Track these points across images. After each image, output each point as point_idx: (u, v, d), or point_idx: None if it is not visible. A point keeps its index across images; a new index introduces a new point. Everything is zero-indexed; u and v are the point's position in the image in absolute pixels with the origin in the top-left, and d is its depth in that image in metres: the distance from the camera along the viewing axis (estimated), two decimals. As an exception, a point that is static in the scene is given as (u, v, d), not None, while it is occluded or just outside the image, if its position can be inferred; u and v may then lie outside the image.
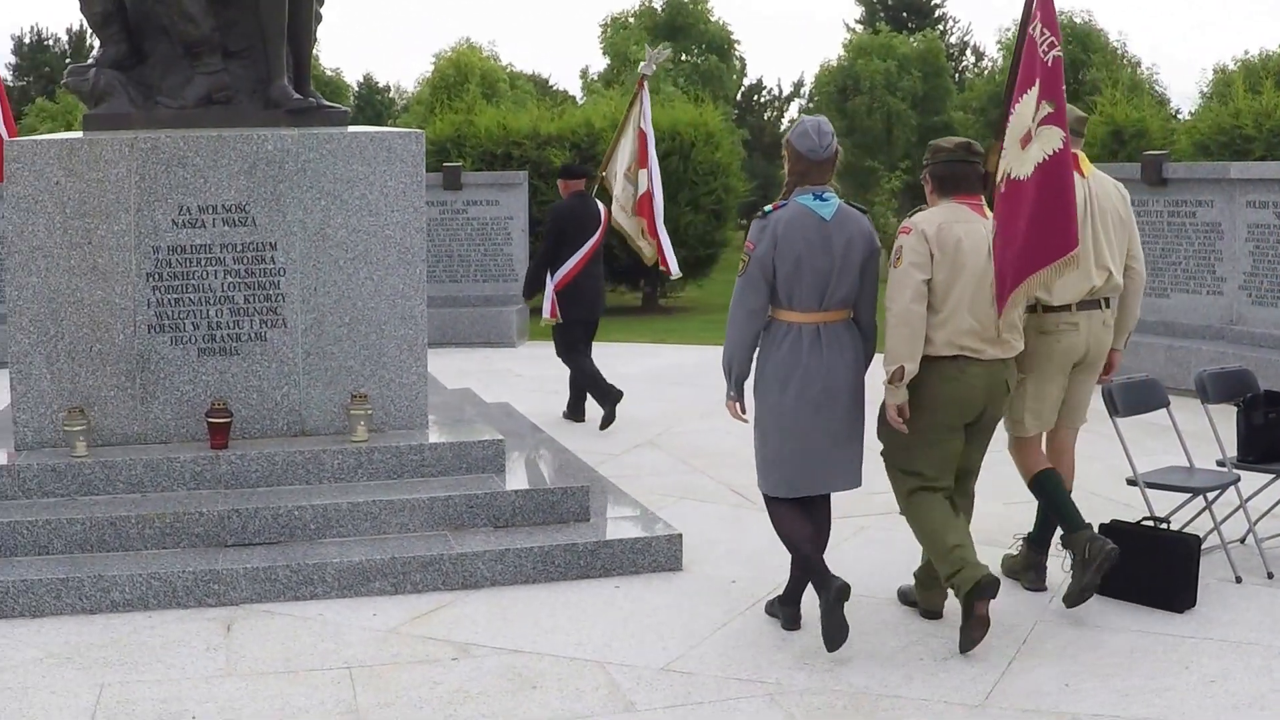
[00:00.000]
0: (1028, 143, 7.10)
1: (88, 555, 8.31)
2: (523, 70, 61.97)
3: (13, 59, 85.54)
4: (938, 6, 70.66)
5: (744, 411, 7.46)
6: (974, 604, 6.92)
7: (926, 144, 7.82)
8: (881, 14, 68.99)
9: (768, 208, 7.29)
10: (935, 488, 7.35)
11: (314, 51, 10.68)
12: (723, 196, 27.11)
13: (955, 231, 7.14)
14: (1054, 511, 7.85)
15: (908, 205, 56.37)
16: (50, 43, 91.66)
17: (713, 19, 60.08)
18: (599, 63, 63.97)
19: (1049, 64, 7.04)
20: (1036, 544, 8.19)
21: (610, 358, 13.93)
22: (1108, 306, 7.85)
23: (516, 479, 9.38)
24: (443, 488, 8.97)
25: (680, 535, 8.75)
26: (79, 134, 9.67)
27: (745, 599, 8.01)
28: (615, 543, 8.60)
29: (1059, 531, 7.91)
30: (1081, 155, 7.78)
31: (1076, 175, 7.47)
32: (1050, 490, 7.83)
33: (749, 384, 7.47)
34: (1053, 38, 7.04)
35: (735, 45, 61.18)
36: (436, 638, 7.47)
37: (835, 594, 6.93)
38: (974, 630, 6.98)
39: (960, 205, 7.28)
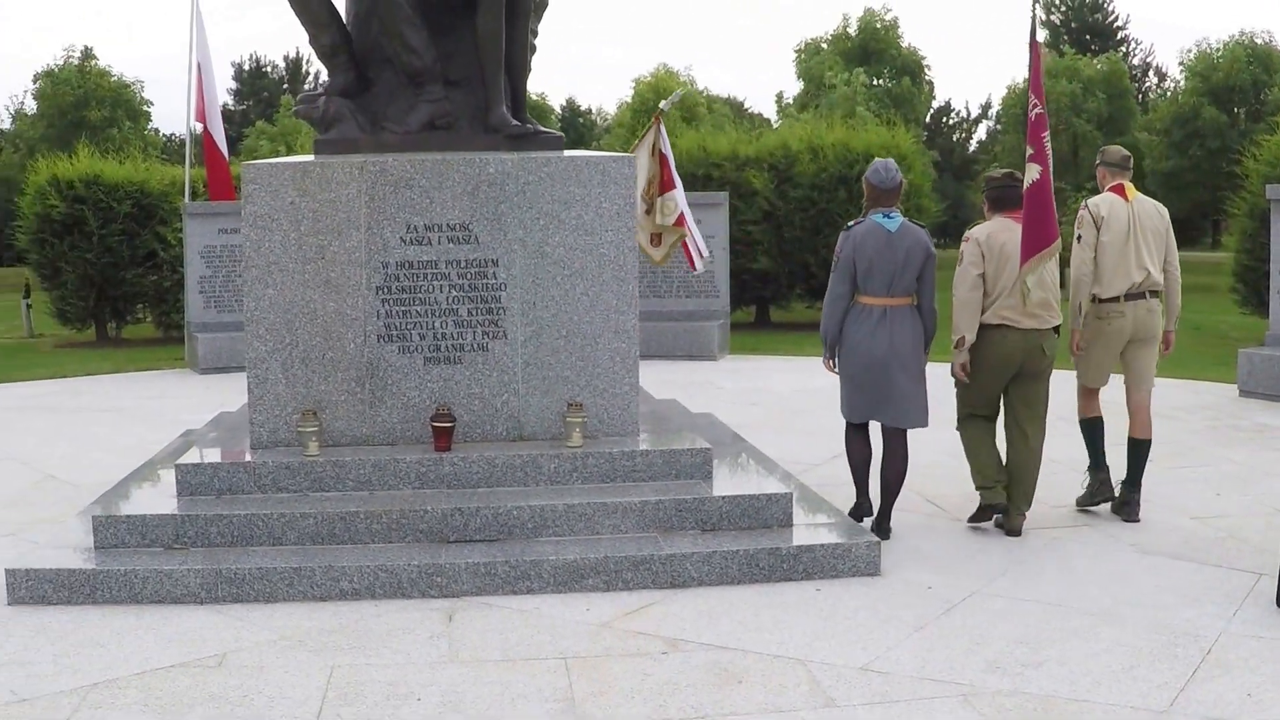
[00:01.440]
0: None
1: (319, 547, 8.86)
2: (719, 94, 62.34)
3: (234, 84, 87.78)
4: (1120, 29, 69.75)
5: (835, 368, 10.03)
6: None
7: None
8: (1065, 36, 68.28)
9: (850, 223, 9.93)
10: (982, 415, 10.10)
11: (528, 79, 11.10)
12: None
13: (1000, 238, 9.76)
14: (1088, 448, 10.61)
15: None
16: (268, 69, 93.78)
17: (903, 43, 59.78)
18: (793, 86, 63.95)
19: (1032, 119, 9.44)
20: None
21: (794, 372, 14.17)
22: (1152, 297, 10.25)
23: (723, 485, 9.62)
24: (653, 492, 9.27)
25: (879, 542, 8.95)
26: (311, 157, 10.21)
27: (940, 604, 8.19)
28: (817, 548, 8.77)
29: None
30: (1127, 184, 10.42)
31: (1122, 199, 10.27)
32: (1090, 432, 10.62)
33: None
34: (1035, 100, 9.44)
35: (925, 68, 60.85)
36: (646, 632, 7.72)
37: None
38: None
39: (1006, 219, 9.89)
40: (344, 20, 10.68)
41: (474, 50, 10.35)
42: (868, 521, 9.97)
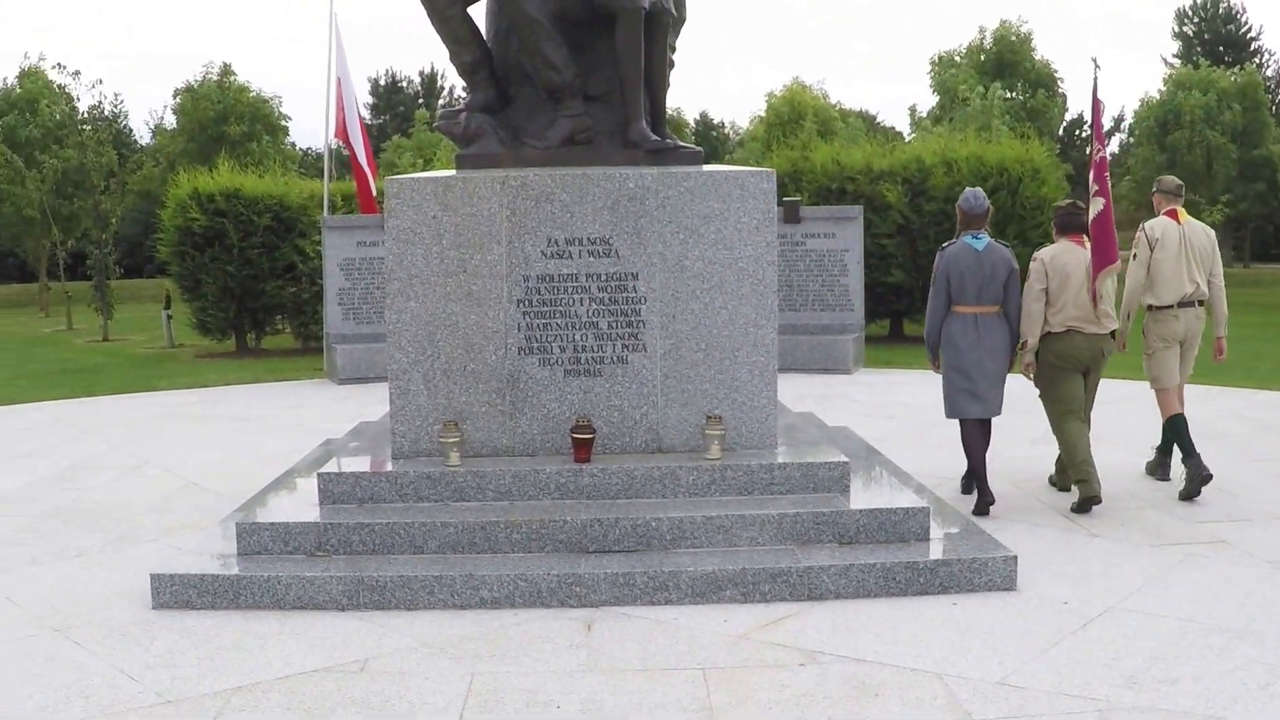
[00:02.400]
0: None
1: (459, 556, 8.97)
2: (851, 107, 62.11)
3: (371, 99, 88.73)
4: (1254, 40, 68.68)
5: (938, 369, 11.31)
6: (1084, 505, 10.94)
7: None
8: (1198, 48, 67.36)
9: (945, 244, 11.27)
10: (1074, 412, 11.29)
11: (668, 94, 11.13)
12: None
13: (1063, 259, 11.17)
14: (1177, 442, 11.72)
15: (1229, 237, 54.91)
16: (404, 84, 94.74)
17: (1036, 56, 59.19)
18: (927, 99, 63.61)
19: (1096, 161, 11.06)
20: (1162, 451, 12.32)
21: (928, 386, 14.10)
22: (1200, 305, 11.78)
23: (860, 498, 9.62)
24: (791, 505, 9.29)
25: (1015, 557, 8.87)
26: (452, 172, 10.31)
27: (1076, 619, 8.12)
28: (953, 562, 8.73)
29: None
30: (1180, 209, 12.01)
31: (1172, 221, 11.87)
32: (1177, 427, 11.73)
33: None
34: (1099, 145, 11.10)
35: (1058, 81, 60.19)
36: (784, 644, 7.73)
37: (979, 504, 10.96)
38: (1078, 510, 11.01)
39: (1070, 242, 11.30)
40: (484, 37, 10.79)
41: (613, 66, 10.40)
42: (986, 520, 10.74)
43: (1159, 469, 12.42)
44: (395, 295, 9.96)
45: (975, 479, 11.19)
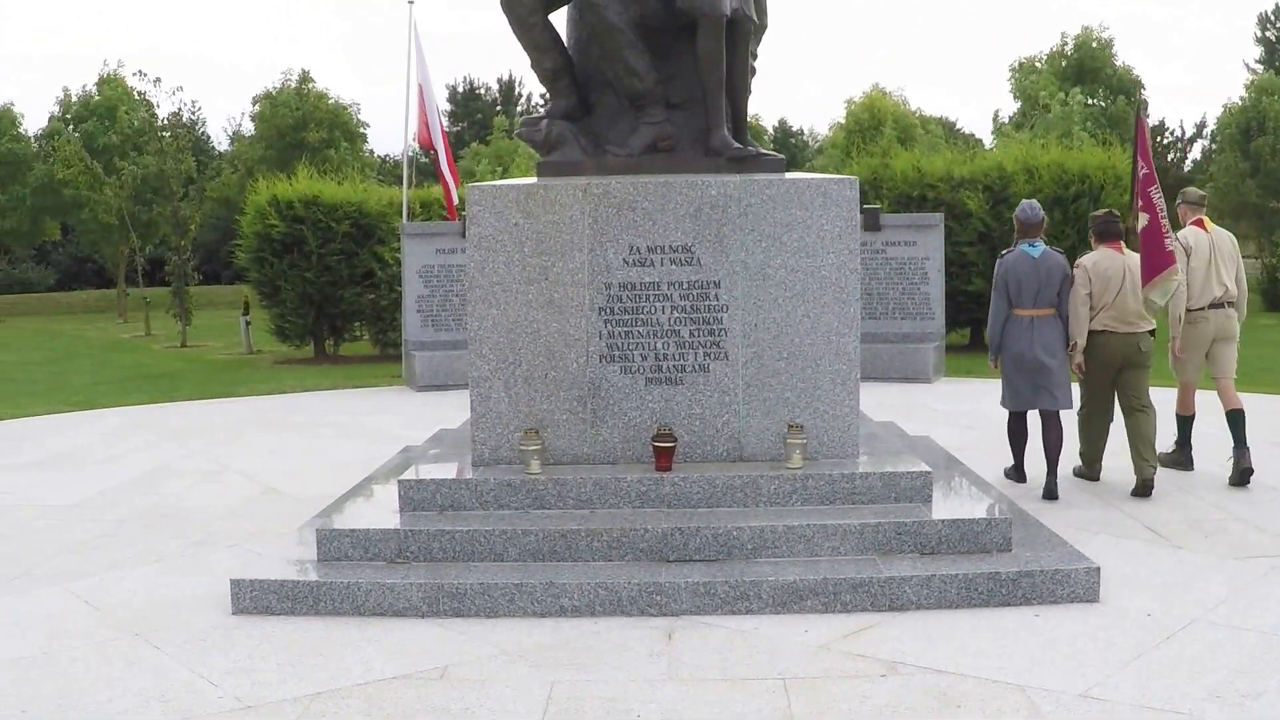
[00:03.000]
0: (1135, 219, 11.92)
1: (539, 563, 8.97)
2: (931, 114, 61.87)
3: (449, 106, 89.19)
4: (1338, 43, 67.99)
5: (997, 367, 12.37)
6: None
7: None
8: (1281, 53, 66.72)
9: (1004, 252, 12.27)
10: (1097, 407, 12.50)
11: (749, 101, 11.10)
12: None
13: (1104, 265, 12.08)
14: (1179, 432, 13.30)
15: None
16: (482, 91, 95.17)
17: (1117, 62, 58.80)
18: (1009, 106, 63.32)
19: (1141, 178, 11.81)
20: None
21: (995, 394, 14.00)
22: (1229, 306, 12.78)
23: (942, 508, 9.53)
24: (873, 515, 9.22)
25: (1098, 568, 8.76)
26: (534, 180, 10.34)
27: (1159, 632, 8.02)
28: (1036, 573, 8.63)
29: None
30: (1205, 218, 13.09)
31: (1201, 230, 12.85)
32: (1185, 425, 13.24)
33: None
34: (1143, 163, 11.86)
35: (1140, 87, 59.78)
36: (865, 655, 7.66)
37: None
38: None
39: (1108, 249, 12.23)
40: (565, 45, 10.81)
41: (695, 73, 10.37)
42: (1026, 491, 12.17)
43: (1181, 462, 13.33)
44: (477, 302, 9.98)
45: (1016, 465, 12.64)
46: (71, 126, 65.48)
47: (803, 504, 9.49)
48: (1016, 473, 12.61)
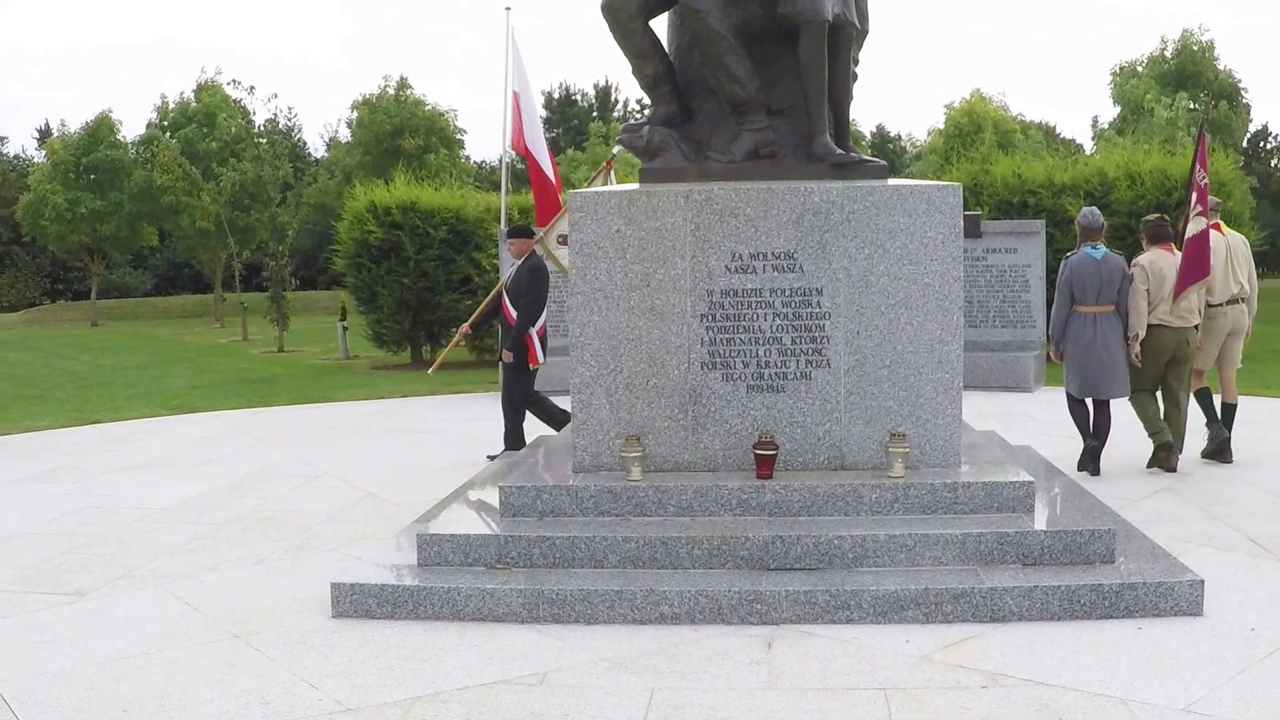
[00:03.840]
0: (1186, 222, 13.25)
1: (639, 570, 8.94)
2: (1032, 120, 61.44)
3: (545, 113, 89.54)
4: None
5: (1060, 359, 13.68)
6: (1157, 452, 13.55)
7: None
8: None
9: (1069, 254, 13.64)
10: (1147, 389, 13.68)
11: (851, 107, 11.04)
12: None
13: (1158, 265, 13.45)
14: (1204, 411, 14.23)
15: None
16: (578, 97, 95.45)
17: (1219, 65, 58.22)
18: (1108, 111, 62.80)
19: (1200, 186, 13.20)
20: (1215, 425, 14.17)
21: (1112, 404, 13.94)
22: (1242, 302, 14.11)
23: (1044, 519, 9.43)
24: (974, 525, 9.12)
25: (1202, 581, 8.62)
26: (635, 186, 10.33)
27: (1265, 646, 7.88)
28: (1139, 585, 8.50)
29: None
30: (1220, 222, 14.17)
31: (1219, 234, 13.86)
32: (1202, 399, 14.23)
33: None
34: (1203, 172, 13.36)
35: (1241, 91, 59.17)
36: (967, 666, 7.59)
37: (1089, 453, 13.53)
38: (1159, 463, 13.57)
39: (1160, 249, 13.62)
40: (667, 51, 10.78)
41: (797, 79, 10.32)
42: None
43: (1220, 452, 14.22)
44: (579, 309, 9.99)
45: (1091, 448, 13.58)
46: (169, 133, 66.38)
47: (904, 513, 9.40)
48: (1092, 459, 13.50)
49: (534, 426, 15.53)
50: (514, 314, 14.76)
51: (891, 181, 10.22)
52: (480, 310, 15.94)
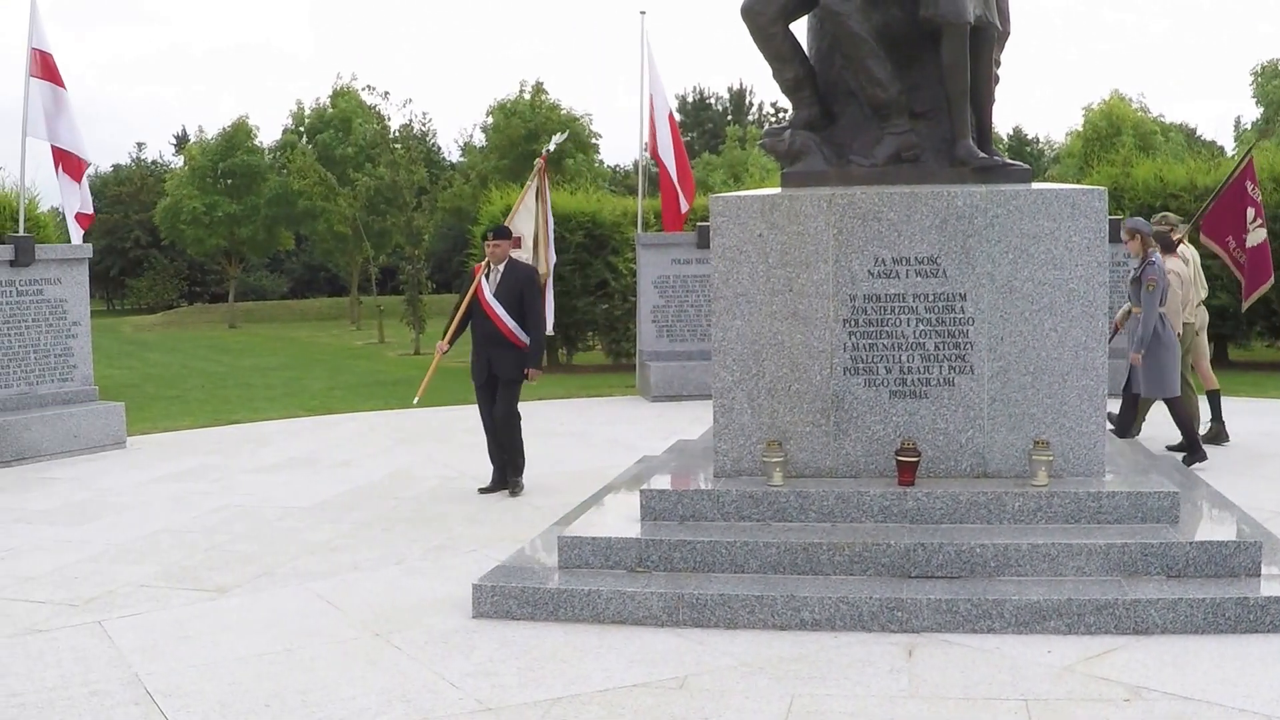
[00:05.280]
0: (1244, 233, 15.19)
1: (780, 576, 8.94)
2: (1172, 122, 60.61)
3: (679, 116, 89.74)
4: None
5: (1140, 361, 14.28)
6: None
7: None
8: None
9: (1153, 260, 14.23)
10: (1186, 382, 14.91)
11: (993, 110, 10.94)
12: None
13: (1181, 270, 14.93)
14: (1211, 407, 15.92)
15: None
16: (712, 101, 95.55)
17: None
18: (1251, 111, 61.87)
19: (1257, 202, 14.53)
20: (1215, 420, 15.89)
21: (1255, 414, 13.77)
22: (1202, 304, 15.96)
23: (1188, 530, 9.27)
24: (1119, 535, 8.99)
25: (1349, 596, 8.44)
26: (777, 190, 10.31)
27: None
28: (1287, 599, 8.35)
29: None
30: (1184, 238, 15.95)
31: (1184, 248, 15.75)
32: (1213, 399, 16.07)
33: None
34: (1253, 184, 15.11)
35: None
36: (1109, 678, 7.49)
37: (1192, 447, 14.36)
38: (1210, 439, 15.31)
39: (1173, 257, 15.04)
40: (807, 55, 10.75)
41: (938, 82, 10.26)
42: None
43: (1218, 436, 15.81)
44: (721, 313, 10.02)
45: (1197, 440, 14.42)
46: (305, 139, 67.24)
47: (1047, 522, 9.30)
48: (1192, 451, 14.25)
49: (677, 430, 15.51)
50: (509, 324, 13.76)
51: (1035, 185, 10.14)
52: (454, 324, 14.58)
